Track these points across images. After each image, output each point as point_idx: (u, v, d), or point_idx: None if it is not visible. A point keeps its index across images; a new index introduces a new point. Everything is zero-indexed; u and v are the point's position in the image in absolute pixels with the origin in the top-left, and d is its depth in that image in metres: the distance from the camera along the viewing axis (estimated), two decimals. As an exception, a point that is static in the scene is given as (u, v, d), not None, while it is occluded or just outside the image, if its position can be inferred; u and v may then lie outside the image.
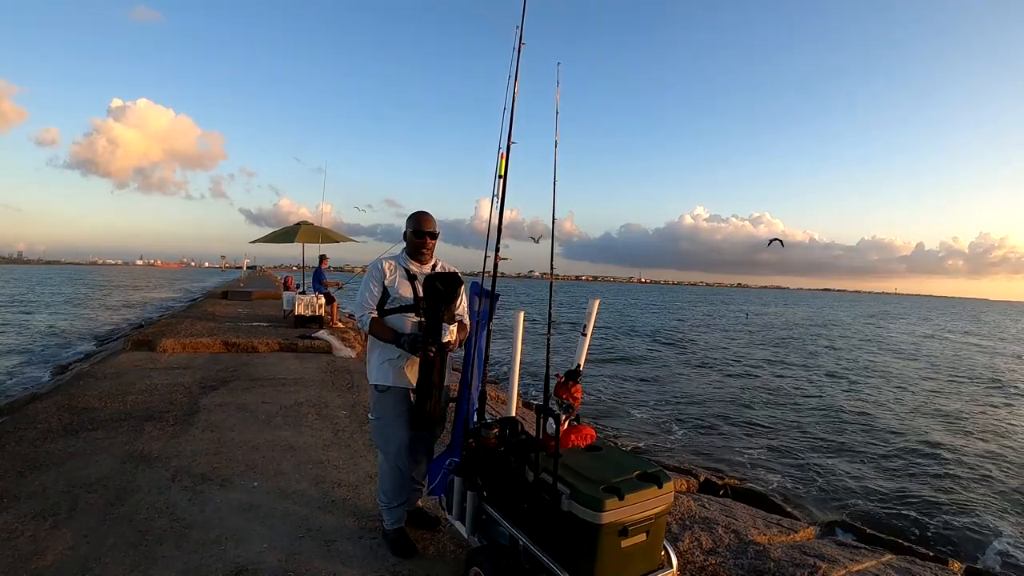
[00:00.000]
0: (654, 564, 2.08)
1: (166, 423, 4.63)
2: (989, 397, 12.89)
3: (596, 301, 2.80)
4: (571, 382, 2.51)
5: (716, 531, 3.24)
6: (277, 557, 2.62)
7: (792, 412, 10.32)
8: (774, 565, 2.82)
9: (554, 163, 2.60)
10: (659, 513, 2.01)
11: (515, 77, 2.49)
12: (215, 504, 3.16)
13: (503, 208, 2.55)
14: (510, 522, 2.18)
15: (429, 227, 2.70)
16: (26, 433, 4.23)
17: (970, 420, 10.34)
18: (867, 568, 3.03)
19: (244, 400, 5.50)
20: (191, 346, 8.25)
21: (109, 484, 3.36)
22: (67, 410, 4.88)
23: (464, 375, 2.76)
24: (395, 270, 2.70)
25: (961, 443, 8.68)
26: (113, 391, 5.61)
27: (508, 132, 2.49)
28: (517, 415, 2.56)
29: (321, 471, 3.73)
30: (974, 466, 7.56)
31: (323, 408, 5.33)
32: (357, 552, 2.70)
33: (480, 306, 2.70)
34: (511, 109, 2.49)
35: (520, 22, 2.49)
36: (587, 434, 2.34)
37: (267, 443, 4.24)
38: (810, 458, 7.49)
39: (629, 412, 9.81)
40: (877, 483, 6.69)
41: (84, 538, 2.72)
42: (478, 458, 2.35)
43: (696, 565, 2.85)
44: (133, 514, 2.99)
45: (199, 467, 3.70)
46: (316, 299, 11.18)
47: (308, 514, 3.09)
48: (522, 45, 2.49)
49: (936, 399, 12.29)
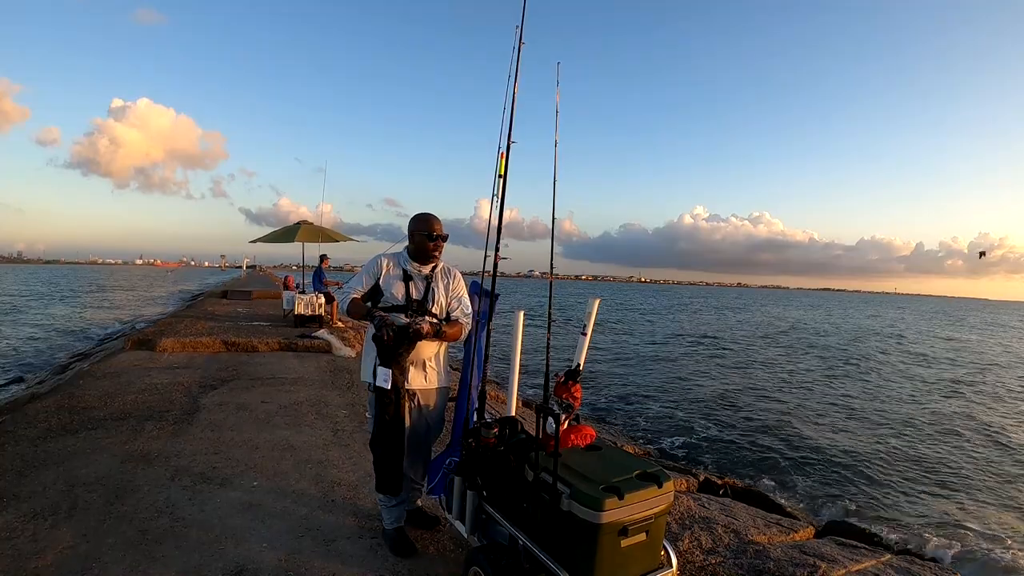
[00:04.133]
0: (654, 564, 2.07)
1: (166, 422, 4.63)
2: (991, 399, 12.89)
3: (596, 301, 2.79)
4: (571, 382, 2.51)
5: (716, 531, 3.24)
6: (277, 556, 2.62)
7: (792, 412, 10.32)
8: (774, 565, 2.82)
9: (554, 163, 2.60)
10: (659, 513, 2.01)
11: (515, 77, 2.49)
12: (215, 503, 3.16)
13: (503, 208, 2.55)
14: (510, 522, 2.18)
15: (440, 230, 2.66)
16: (26, 432, 4.24)
17: (971, 421, 10.34)
18: (867, 568, 3.02)
19: (244, 399, 5.50)
20: (191, 345, 8.25)
21: (109, 483, 3.36)
22: (67, 409, 4.88)
23: (464, 375, 2.76)
24: (392, 268, 2.68)
25: (961, 444, 8.69)
26: (113, 390, 5.60)
27: (508, 132, 2.49)
28: (517, 415, 2.56)
29: (321, 470, 3.73)
30: (975, 467, 7.56)
31: (323, 407, 5.33)
32: (357, 552, 2.70)
33: (480, 305, 2.70)
34: (511, 109, 2.49)
35: (520, 22, 2.49)
36: (587, 434, 2.34)
37: (267, 442, 4.24)
38: (810, 458, 7.50)
39: (629, 412, 9.82)
40: (877, 483, 6.69)
41: (84, 537, 2.72)
42: (478, 457, 2.35)
43: (696, 565, 2.85)
44: (133, 513, 2.99)
45: (199, 466, 3.70)
46: (316, 298, 11.18)
47: (308, 513, 3.09)
48: (522, 45, 2.49)
49: (938, 400, 12.29)
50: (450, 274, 2.76)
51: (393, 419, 2.48)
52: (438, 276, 2.71)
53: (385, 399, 2.47)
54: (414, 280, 2.66)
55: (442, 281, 2.71)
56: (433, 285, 2.67)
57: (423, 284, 2.66)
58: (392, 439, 2.50)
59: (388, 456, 2.51)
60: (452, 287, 2.73)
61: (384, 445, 2.51)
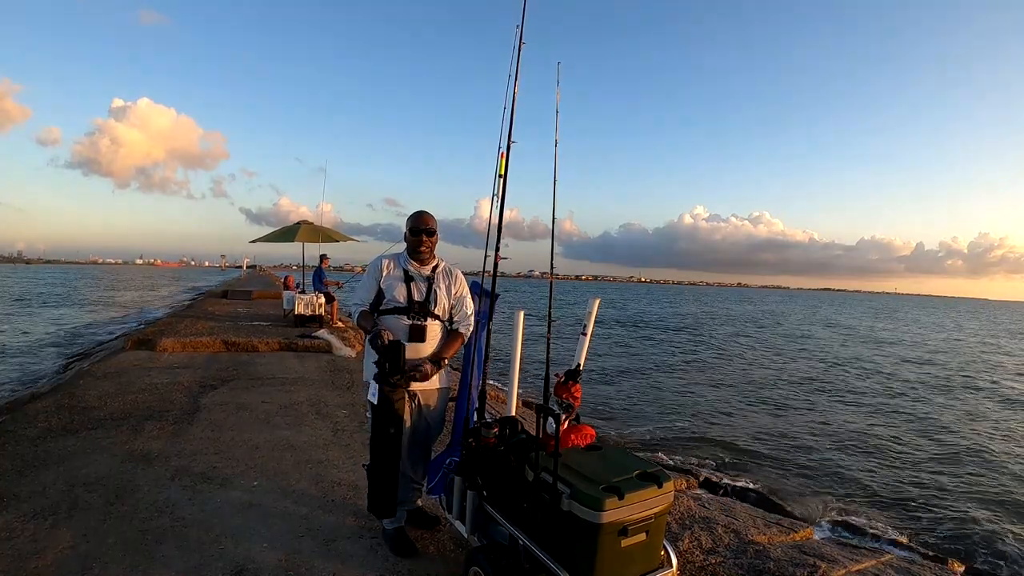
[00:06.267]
0: (654, 564, 2.07)
1: (166, 422, 4.63)
2: (993, 400, 12.88)
3: (596, 300, 2.80)
4: (571, 381, 2.51)
5: (716, 531, 3.24)
6: (277, 556, 2.62)
7: (793, 413, 10.32)
8: (774, 565, 2.82)
9: (554, 163, 2.60)
10: (659, 513, 2.01)
11: (515, 77, 2.49)
12: (215, 503, 3.16)
13: (503, 208, 2.54)
14: (510, 521, 2.18)
15: (425, 224, 2.64)
16: (26, 432, 4.24)
17: (972, 421, 10.34)
18: (867, 568, 3.02)
19: (244, 399, 5.50)
20: (191, 345, 8.25)
21: (109, 483, 3.36)
22: (67, 409, 4.88)
23: (464, 374, 2.76)
24: (393, 269, 2.68)
25: (962, 444, 8.68)
26: (113, 390, 5.60)
27: (508, 131, 2.48)
28: (517, 415, 2.56)
29: (321, 470, 3.73)
30: (975, 467, 7.56)
31: (323, 407, 5.33)
32: (357, 551, 2.70)
33: (480, 305, 2.69)
34: (511, 109, 2.49)
35: (520, 22, 2.49)
36: (587, 433, 2.34)
37: (267, 442, 4.24)
38: (810, 458, 7.49)
39: (630, 412, 9.81)
40: (877, 483, 6.69)
41: (84, 537, 2.72)
42: (478, 457, 2.35)
43: (696, 565, 2.85)
44: (133, 513, 2.99)
45: (199, 466, 3.70)
46: (316, 298, 11.18)
47: (308, 513, 3.08)
48: (522, 45, 2.49)
49: (938, 401, 12.29)
50: (451, 274, 2.75)
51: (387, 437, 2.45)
52: (439, 276, 2.70)
53: (378, 415, 2.46)
54: (415, 281, 2.65)
55: (443, 281, 2.70)
56: (435, 286, 2.67)
57: (425, 285, 2.66)
58: (385, 457, 2.47)
59: (381, 475, 2.48)
60: (454, 288, 2.72)
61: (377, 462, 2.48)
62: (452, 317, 2.72)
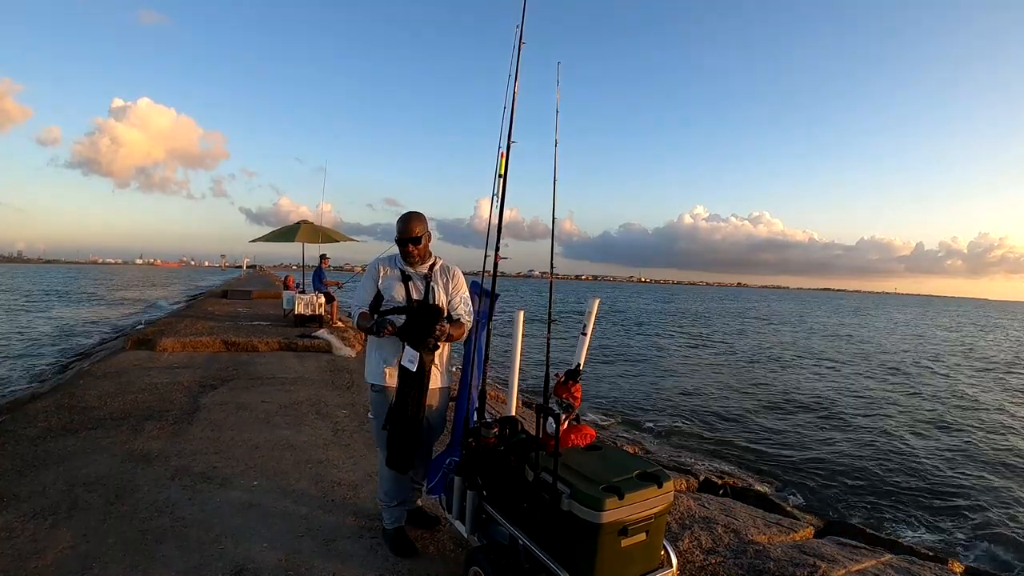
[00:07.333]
0: (654, 563, 2.07)
1: (166, 422, 4.63)
2: (994, 399, 12.88)
3: (596, 300, 2.79)
4: (571, 381, 2.51)
5: (716, 530, 3.24)
6: (277, 556, 2.62)
7: (793, 412, 10.32)
8: (774, 565, 2.82)
9: (554, 163, 2.60)
10: (659, 513, 2.01)
11: (515, 76, 2.49)
12: (215, 503, 3.16)
13: (503, 207, 2.54)
14: (510, 521, 2.18)
15: (408, 233, 2.59)
16: (26, 432, 4.24)
17: (972, 421, 10.34)
18: (867, 568, 3.02)
19: (244, 399, 5.50)
20: (191, 345, 8.24)
21: (109, 483, 3.36)
22: (67, 409, 4.87)
23: (464, 374, 2.76)
24: (390, 270, 2.68)
25: (963, 444, 8.69)
26: (113, 390, 5.60)
27: (508, 131, 2.48)
28: (517, 415, 2.56)
29: (321, 470, 3.73)
30: (975, 467, 7.56)
31: (323, 407, 5.33)
32: (357, 551, 2.70)
33: (480, 305, 2.69)
34: (511, 108, 2.49)
35: (520, 21, 2.49)
36: (587, 433, 2.34)
37: (267, 442, 4.24)
38: (811, 458, 7.50)
39: (630, 412, 9.81)
40: (877, 483, 6.69)
41: (84, 537, 2.72)
42: (478, 457, 2.35)
43: (696, 565, 2.85)
44: (133, 513, 2.99)
45: (199, 466, 3.70)
46: (316, 298, 11.18)
47: (308, 513, 3.08)
48: (522, 44, 2.49)
49: (939, 401, 12.29)
50: (449, 272, 2.75)
51: (415, 400, 2.48)
52: (437, 274, 2.70)
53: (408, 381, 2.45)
54: (413, 280, 2.65)
55: (441, 279, 2.70)
56: (433, 284, 2.66)
57: (422, 283, 2.66)
58: (412, 416, 2.48)
59: (405, 432, 2.49)
60: (453, 285, 2.72)
61: (402, 421, 2.48)
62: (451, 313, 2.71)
